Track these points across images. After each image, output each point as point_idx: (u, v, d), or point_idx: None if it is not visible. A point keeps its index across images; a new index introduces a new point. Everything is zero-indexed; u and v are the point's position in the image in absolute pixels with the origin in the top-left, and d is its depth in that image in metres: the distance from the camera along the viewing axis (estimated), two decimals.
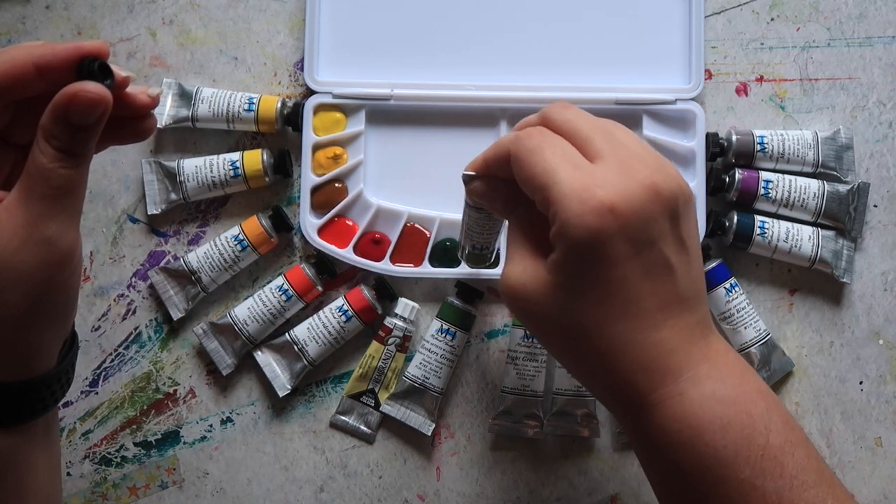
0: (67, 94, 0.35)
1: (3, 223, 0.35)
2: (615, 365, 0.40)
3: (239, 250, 0.61)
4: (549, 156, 0.40)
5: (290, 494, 0.62)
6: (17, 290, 0.35)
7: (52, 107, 0.35)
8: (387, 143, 0.64)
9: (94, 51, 0.36)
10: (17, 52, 0.36)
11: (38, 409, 0.38)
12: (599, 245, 0.38)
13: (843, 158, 0.63)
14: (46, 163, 0.36)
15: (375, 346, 0.62)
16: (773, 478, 0.37)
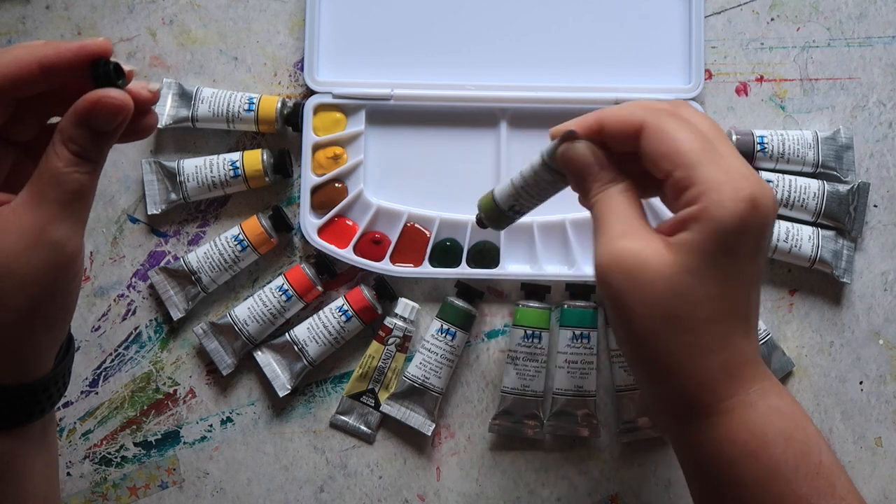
0: (91, 100, 0.35)
1: (11, 225, 0.35)
2: (701, 365, 0.39)
3: (239, 250, 0.61)
4: (696, 137, 0.39)
5: (290, 494, 0.62)
6: (21, 293, 0.35)
7: (73, 111, 0.35)
8: (387, 143, 0.64)
9: (100, 50, 0.36)
10: (20, 51, 0.36)
11: (35, 413, 0.38)
12: (741, 237, 0.38)
13: (843, 158, 0.63)
14: (62, 167, 0.36)
15: (375, 346, 0.62)
16: (826, 497, 0.38)
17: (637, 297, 0.39)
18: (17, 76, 0.35)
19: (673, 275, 0.38)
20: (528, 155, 0.63)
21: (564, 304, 0.62)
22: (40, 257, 0.35)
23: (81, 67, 0.36)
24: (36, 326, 0.37)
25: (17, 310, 0.36)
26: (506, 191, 0.47)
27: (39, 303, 0.36)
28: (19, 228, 0.35)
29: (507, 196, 0.47)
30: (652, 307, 0.39)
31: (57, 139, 0.36)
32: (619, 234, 0.40)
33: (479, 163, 0.63)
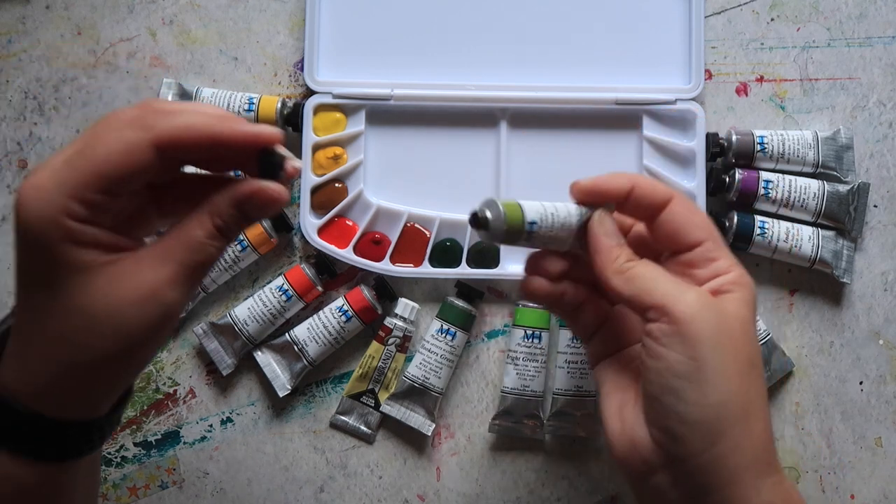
0: (253, 190, 0.37)
1: (131, 275, 0.36)
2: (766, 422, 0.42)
3: (239, 250, 0.61)
4: None
5: (290, 494, 0.62)
6: (118, 340, 0.36)
7: (233, 194, 0.37)
8: (387, 143, 0.64)
9: (273, 140, 0.37)
10: (195, 117, 0.36)
11: (85, 449, 0.38)
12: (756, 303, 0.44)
13: (843, 158, 0.63)
14: (202, 236, 0.37)
15: (375, 346, 0.62)
16: None
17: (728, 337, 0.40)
18: (185, 143, 0.36)
19: (743, 323, 0.41)
20: (527, 155, 0.64)
21: None
22: (148, 313, 0.36)
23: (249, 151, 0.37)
24: (120, 372, 0.38)
25: (109, 355, 0.36)
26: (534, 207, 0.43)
27: (131, 353, 0.37)
28: (137, 281, 0.36)
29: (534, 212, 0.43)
30: (740, 350, 0.40)
31: (205, 210, 0.37)
32: (688, 289, 0.41)
33: (479, 163, 0.63)
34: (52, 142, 0.64)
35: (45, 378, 0.36)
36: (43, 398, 0.36)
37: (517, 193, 0.63)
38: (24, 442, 0.36)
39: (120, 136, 0.35)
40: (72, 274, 0.35)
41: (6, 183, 0.64)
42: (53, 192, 0.34)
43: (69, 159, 0.35)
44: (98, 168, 0.34)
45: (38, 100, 0.64)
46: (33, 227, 0.34)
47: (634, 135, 0.64)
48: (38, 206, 0.34)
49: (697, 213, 0.44)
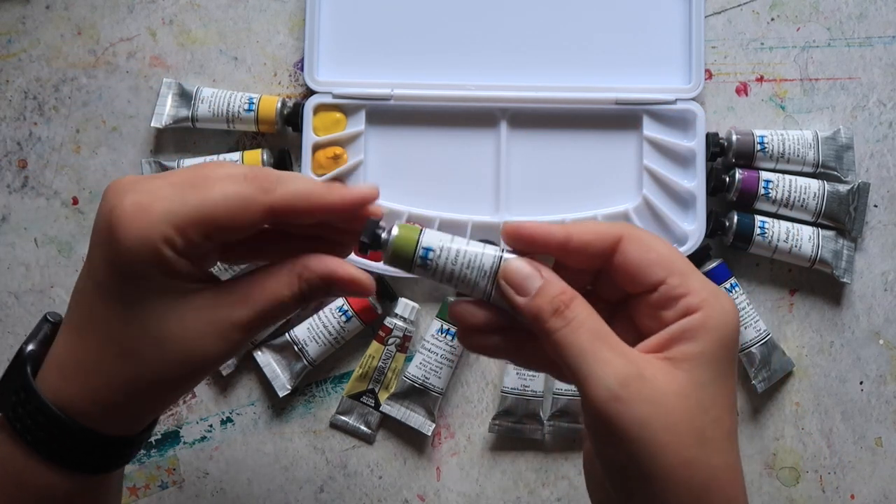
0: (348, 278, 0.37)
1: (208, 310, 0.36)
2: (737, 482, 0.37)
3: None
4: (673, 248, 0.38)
5: (290, 494, 0.62)
6: (184, 368, 0.37)
7: (330, 273, 0.37)
8: (387, 143, 0.64)
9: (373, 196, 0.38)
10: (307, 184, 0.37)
11: (119, 463, 0.39)
12: (734, 343, 0.37)
13: (844, 158, 0.63)
14: (287, 297, 0.37)
15: (375, 346, 0.62)
16: None
17: (662, 423, 0.34)
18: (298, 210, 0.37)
19: (690, 393, 0.35)
20: (527, 155, 0.64)
21: None
22: (216, 347, 0.36)
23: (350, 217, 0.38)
24: (170, 397, 0.39)
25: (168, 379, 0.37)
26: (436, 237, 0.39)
27: (187, 381, 0.38)
28: (214, 317, 0.36)
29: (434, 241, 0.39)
30: (681, 431, 0.35)
31: (295, 272, 0.37)
32: (619, 360, 0.35)
33: (479, 163, 0.63)
34: (52, 142, 0.64)
35: (99, 393, 0.36)
36: (92, 412, 0.36)
37: (517, 193, 0.63)
38: (64, 453, 0.37)
39: (238, 190, 0.35)
40: (155, 297, 0.36)
41: (6, 183, 0.64)
42: (160, 219, 0.34)
43: (181, 192, 0.35)
44: (209, 212, 0.35)
45: (38, 100, 0.64)
46: (131, 246, 0.34)
47: (634, 135, 0.64)
48: (141, 228, 0.34)
49: (653, 249, 0.37)
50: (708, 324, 0.35)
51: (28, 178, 0.64)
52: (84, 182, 0.64)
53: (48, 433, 0.36)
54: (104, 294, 0.36)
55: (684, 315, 0.36)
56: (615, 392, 0.34)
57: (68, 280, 0.63)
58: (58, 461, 0.37)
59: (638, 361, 0.35)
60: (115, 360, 0.36)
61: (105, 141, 0.64)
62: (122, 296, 0.35)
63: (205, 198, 0.35)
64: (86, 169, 0.64)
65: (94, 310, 0.36)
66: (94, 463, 0.37)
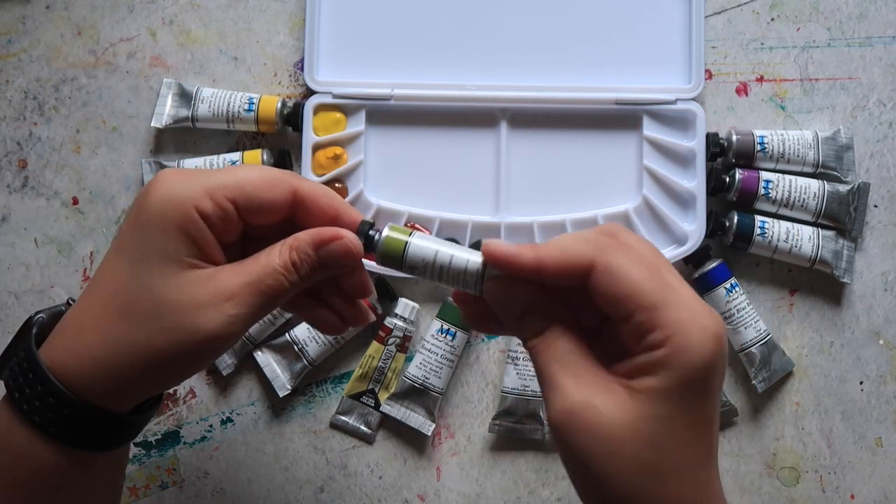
0: (333, 235, 0.39)
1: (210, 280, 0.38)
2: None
3: None
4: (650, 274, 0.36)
5: (290, 494, 0.62)
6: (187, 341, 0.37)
7: (317, 234, 0.39)
8: (387, 143, 0.64)
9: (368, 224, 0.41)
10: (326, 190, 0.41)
11: (113, 442, 0.39)
12: (710, 376, 0.35)
13: (844, 158, 0.63)
14: (278, 265, 0.38)
15: (375, 346, 0.62)
16: None
17: (605, 453, 0.35)
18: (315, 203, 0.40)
19: (642, 426, 0.35)
20: (527, 155, 0.64)
21: None
22: (209, 322, 0.37)
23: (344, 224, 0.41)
24: (170, 375, 0.39)
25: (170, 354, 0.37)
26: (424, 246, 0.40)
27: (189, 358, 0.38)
28: (213, 286, 0.38)
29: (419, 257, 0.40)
30: (624, 463, 0.35)
31: (288, 242, 0.39)
32: (571, 386, 0.36)
33: (479, 163, 0.63)
34: (52, 142, 0.64)
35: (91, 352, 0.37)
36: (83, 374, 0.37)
37: (517, 193, 0.63)
38: (57, 422, 0.37)
39: (267, 171, 0.40)
40: (161, 262, 0.37)
41: (6, 183, 0.64)
42: (193, 182, 0.37)
43: (213, 171, 0.39)
44: (240, 182, 0.38)
45: (38, 100, 0.64)
46: (160, 199, 0.37)
47: (634, 135, 0.64)
48: (174, 188, 0.37)
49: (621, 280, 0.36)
50: (670, 361, 0.35)
51: (28, 178, 0.64)
52: (84, 182, 0.64)
53: (45, 403, 0.36)
54: (119, 252, 0.38)
55: (650, 349, 0.35)
56: (561, 419, 0.35)
57: (68, 280, 0.63)
58: (52, 433, 0.37)
59: (592, 388, 0.35)
60: (111, 319, 0.37)
61: (105, 141, 0.64)
62: (134, 252, 0.37)
63: (235, 172, 0.39)
64: (86, 169, 0.64)
65: (104, 268, 0.38)
66: (86, 437, 0.37)
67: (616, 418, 0.35)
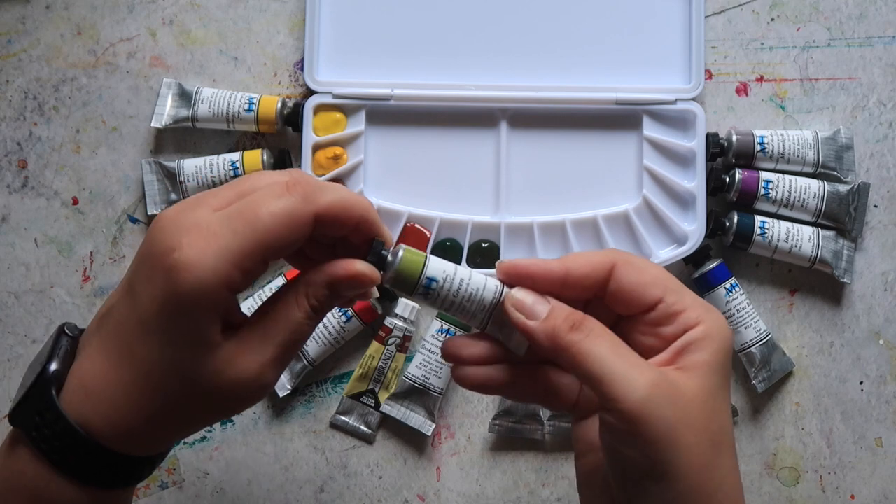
0: (349, 273, 0.37)
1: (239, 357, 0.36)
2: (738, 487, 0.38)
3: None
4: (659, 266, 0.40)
5: (290, 494, 0.62)
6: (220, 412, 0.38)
7: (330, 275, 0.37)
8: (387, 143, 0.64)
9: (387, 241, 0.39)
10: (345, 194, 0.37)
11: (139, 478, 0.40)
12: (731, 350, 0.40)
13: (844, 158, 0.63)
14: (301, 318, 0.37)
15: (375, 346, 0.62)
16: None
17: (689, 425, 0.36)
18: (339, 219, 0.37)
19: (707, 398, 0.37)
20: (527, 155, 0.64)
21: None
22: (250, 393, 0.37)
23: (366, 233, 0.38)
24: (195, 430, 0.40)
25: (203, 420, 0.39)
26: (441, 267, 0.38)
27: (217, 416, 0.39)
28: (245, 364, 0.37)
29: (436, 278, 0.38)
30: (703, 435, 0.36)
31: (301, 291, 0.37)
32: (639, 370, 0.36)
33: (479, 163, 0.63)
34: (52, 142, 0.64)
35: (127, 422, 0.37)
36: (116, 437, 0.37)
37: (517, 193, 0.63)
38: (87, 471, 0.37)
39: (285, 205, 0.35)
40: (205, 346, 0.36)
41: (6, 183, 0.64)
42: (219, 261, 0.34)
43: (231, 223, 0.35)
44: (262, 237, 0.34)
45: (38, 100, 0.64)
46: (191, 292, 0.34)
47: (634, 135, 0.64)
48: (202, 275, 0.34)
49: (645, 271, 0.38)
50: (710, 335, 0.37)
51: (28, 178, 0.64)
52: (84, 182, 0.64)
53: (74, 454, 0.36)
54: (148, 332, 0.36)
55: (685, 329, 0.38)
56: (646, 393, 0.35)
57: (68, 280, 0.63)
58: (79, 479, 0.37)
59: (659, 371, 0.37)
60: (148, 396, 0.36)
61: (105, 141, 0.64)
62: (167, 339, 0.35)
63: (255, 223, 0.34)
64: (86, 169, 0.64)
65: (134, 346, 0.36)
66: (114, 480, 0.38)
67: (690, 393, 0.36)
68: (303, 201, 0.35)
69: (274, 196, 0.35)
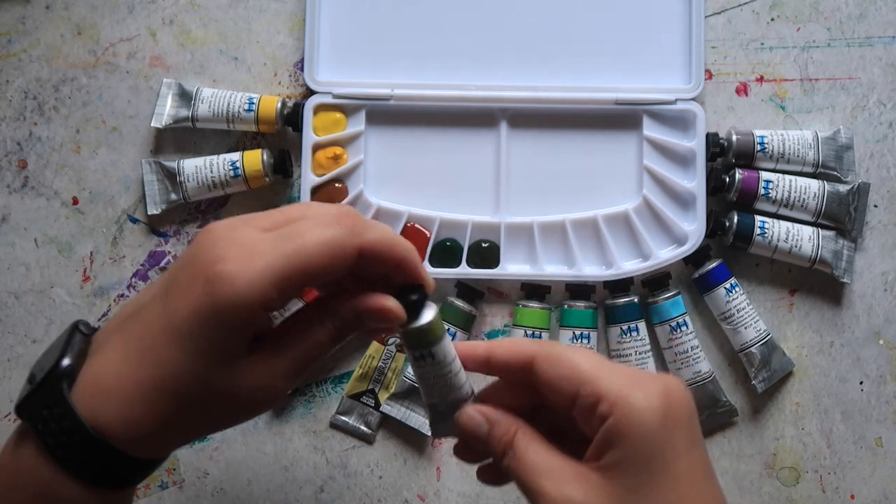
0: (379, 307, 0.38)
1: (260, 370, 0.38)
2: None
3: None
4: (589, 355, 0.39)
5: (290, 494, 0.62)
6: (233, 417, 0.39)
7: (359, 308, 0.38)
8: (387, 143, 0.64)
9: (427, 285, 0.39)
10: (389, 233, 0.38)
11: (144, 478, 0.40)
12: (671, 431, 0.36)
13: (844, 158, 0.63)
14: (324, 339, 0.38)
15: (375, 347, 0.62)
16: None
17: None
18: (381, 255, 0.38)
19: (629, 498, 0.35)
20: (527, 155, 0.64)
21: (564, 304, 0.62)
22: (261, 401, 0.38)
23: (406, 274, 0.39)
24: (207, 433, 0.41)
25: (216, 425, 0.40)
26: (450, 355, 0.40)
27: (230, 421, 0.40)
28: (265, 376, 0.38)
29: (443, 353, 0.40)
30: None
31: (329, 315, 0.38)
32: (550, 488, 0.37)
33: (479, 163, 0.63)
34: (52, 142, 0.64)
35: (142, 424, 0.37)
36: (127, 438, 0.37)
37: (517, 193, 0.63)
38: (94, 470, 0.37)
39: (332, 235, 0.36)
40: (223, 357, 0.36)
41: (6, 183, 0.64)
42: (261, 279, 0.35)
43: (278, 245, 0.35)
44: (306, 262, 0.35)
45: (38, 100, 0.64)
46: (230, 306, 0.35)
47: (634, 135, 0.64)
48: (244, 291, 0.34)
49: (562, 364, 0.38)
50: (621, 428, 0.36)
51: (28, 178, 0.64)
52: (84, 182, 0.64)
53: (81, 451, 0.36)
54: (177, 337, 0.36)
55: (602, 422, 0.36)
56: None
57: (68, 280, 0.63)
58: (84, 477, 0.37)
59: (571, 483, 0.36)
60: (166, 399, 0.36)
61: (105, 141, 0.64)
62: (196, 346, 0.36)
63: (301, 249, 0.35)
64: (86, 169, 0.64)
65: (159, 349, 0.36)
66: (117, 480, 0.38)
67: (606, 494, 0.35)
68: (349, 234, 0.36)
69: (322, 225, 0.36)
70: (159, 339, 0.36)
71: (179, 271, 0.36)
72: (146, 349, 0.36)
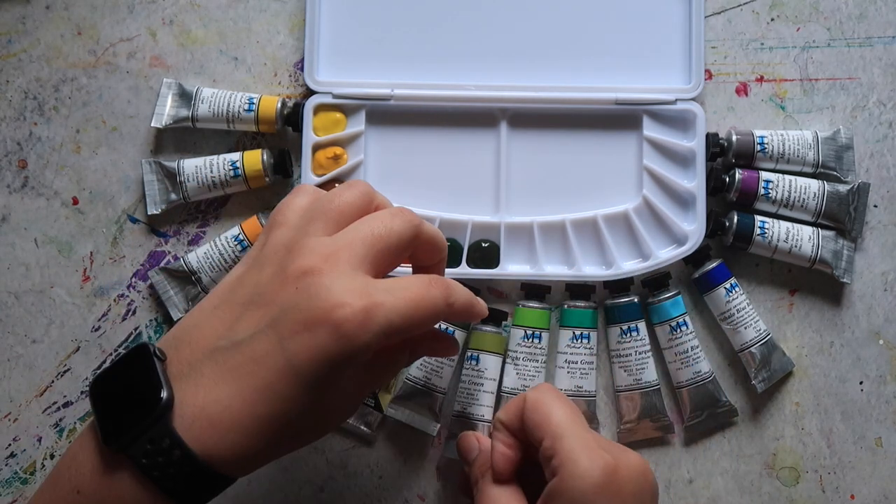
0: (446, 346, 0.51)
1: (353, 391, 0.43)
2: None
3: (239, 250, 0.61)
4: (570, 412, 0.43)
5: (289, 494, 0.62)
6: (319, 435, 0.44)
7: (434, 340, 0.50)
8: (387, 143, 0.64)
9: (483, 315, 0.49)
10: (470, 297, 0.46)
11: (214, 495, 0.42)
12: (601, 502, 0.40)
13: (844, 158, 0.63)
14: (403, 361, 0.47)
15: None
16: None
17: None
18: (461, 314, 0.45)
19: None
20: (527, 155, 0.64)
21: (564, 304, 0.62)
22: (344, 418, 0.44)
23: None
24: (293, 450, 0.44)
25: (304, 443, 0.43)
26: None
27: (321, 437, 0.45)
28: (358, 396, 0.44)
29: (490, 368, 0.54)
30: None
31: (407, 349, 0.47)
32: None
33: (479, 163, 0.64)
34: (52, 142, 0.64)
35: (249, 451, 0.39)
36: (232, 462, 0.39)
37: (517, 193, 0.63)
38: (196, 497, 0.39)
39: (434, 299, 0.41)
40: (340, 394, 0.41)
41: (6, 183, 0.64)
42: (380, 330, 0.38)
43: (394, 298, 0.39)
44: (411, 319, 0.40)
45: (38, 100, 0.64)
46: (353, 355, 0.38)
47: (634, 135, 0.64)
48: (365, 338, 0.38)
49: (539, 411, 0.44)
50: (561, 487, 0.40)
51: (28, 178, 0.64)
52: (84, 182, 0.64)
53: (188, 482, 0.38)
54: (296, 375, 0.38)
55: (552, 477, 0.41)
56: None
57: (68, 280, 0.63)
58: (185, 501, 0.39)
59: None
60: (282, 431, 0.39)
61: (105, 141, 0.64)
62: (316, 384, 0.38)
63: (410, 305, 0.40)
64: (86, 169, 0.64)
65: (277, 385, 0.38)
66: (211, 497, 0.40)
67: None
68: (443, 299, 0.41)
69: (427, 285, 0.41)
70: (276, 375, 0.38)
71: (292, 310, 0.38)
72: (264, 387, 0.38)
